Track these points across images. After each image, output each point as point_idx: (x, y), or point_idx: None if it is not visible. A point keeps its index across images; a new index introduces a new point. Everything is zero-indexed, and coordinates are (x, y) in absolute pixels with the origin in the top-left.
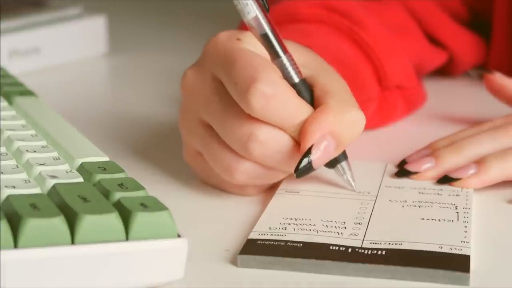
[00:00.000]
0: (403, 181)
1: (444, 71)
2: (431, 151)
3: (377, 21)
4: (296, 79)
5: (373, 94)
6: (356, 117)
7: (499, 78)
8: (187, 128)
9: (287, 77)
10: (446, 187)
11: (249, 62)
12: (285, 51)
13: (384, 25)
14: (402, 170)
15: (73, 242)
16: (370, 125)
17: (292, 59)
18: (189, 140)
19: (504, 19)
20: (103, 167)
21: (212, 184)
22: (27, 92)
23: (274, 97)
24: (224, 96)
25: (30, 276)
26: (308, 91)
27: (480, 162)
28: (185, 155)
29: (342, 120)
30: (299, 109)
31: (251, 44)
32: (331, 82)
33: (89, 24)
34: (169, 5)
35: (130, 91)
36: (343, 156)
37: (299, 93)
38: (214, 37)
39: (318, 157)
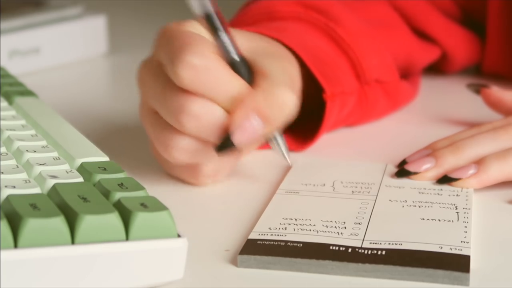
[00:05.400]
0: (404, 181)
1: (440, 68)
2: (431, 151)
3: (356, 17)
4: (235, 57)
5: (349, 87)
6: (286, 98)
7: (496, 91)
8: (143, 118)
9: (226, 55)
10: (446, 187)
11: (184, 38)
12: (226, 31)
13: (365, 21)
14: (402, 170)
15: (73, 242)
16: (351, 121)
17: (233, 39)
18: (146, 130)
19: (496, 19)
20: (103, 167)
21: (169, 172)
22: (27, 92)
23: (203, 69)
24: (163, 77)
25: (30, 276)
26: (247, 70)
27: (480, 162)
28: (150, 147)
29: (271, 100)
30: (231, 82)
31: (196, 29)
32: (269, 65)
33: (89, 24)
34: (169, 5)
35: (130, 91)
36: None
37: (237, 71)
38: (163, 26)
39: (241, 134)
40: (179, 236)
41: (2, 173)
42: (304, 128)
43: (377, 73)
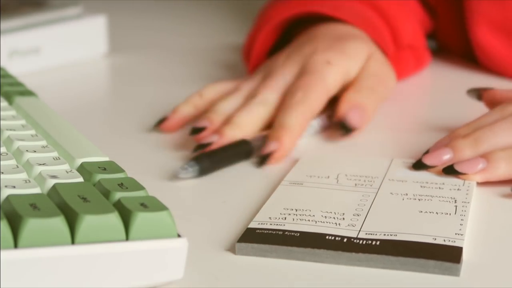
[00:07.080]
0: (407, 175)
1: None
2: (450, 140)
3: None
4: None
5: (388, 49)
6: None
7: (499, 92)
8: None
9: None
10: (448, 182)
11: None
12: None
13: None
14: (419, 163)
15: (73, 242)
16: None
17: None
18: None
19: None
20: (103, 167)
21: None
22: (27, 92)
23: None
24: None
25: (30, 276)
26: None
27: (489, 158)
28: None
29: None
30: None
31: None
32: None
33: (89, 24)
34: (169, 5)
35: (130, 91)
36: None
37: None
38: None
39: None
40: (179, 236)
41: (2, 173)
42: None
43: (409, 38)
